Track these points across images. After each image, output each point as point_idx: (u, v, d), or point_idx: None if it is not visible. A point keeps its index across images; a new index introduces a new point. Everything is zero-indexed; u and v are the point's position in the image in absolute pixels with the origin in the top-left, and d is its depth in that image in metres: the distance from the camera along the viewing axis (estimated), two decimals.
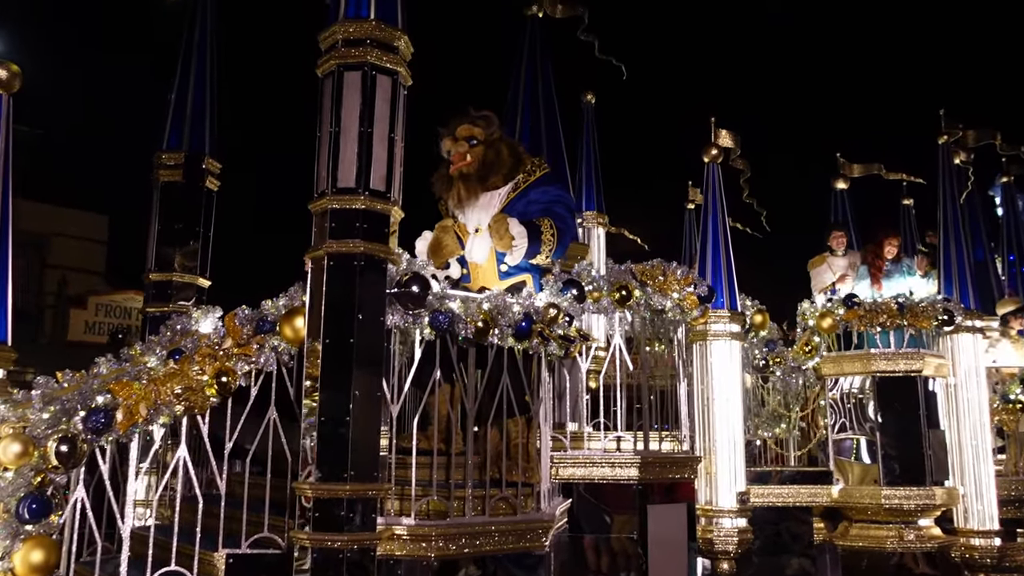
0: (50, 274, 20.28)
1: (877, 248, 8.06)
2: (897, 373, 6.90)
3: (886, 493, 6.67)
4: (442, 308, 3.99)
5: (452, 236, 5.01)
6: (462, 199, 4.99)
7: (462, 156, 5.03)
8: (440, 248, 4.97)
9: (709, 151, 6.23)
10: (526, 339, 4.26)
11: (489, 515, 4.17)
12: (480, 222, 4.98)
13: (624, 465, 5.07)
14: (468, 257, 5.00)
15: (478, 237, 5.00)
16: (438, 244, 4.98)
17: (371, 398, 3.76)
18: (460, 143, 5.07)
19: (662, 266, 5.27)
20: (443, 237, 4.98)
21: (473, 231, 5.02)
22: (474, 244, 5.03)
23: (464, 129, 5.09)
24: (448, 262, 5.06)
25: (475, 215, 5.00)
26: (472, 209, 5.01)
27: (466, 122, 5.12)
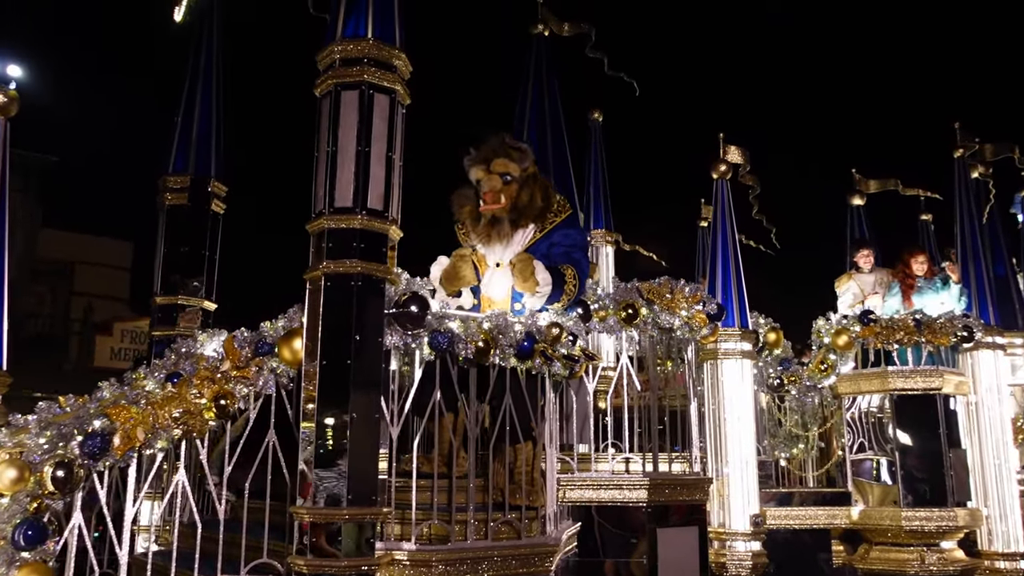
0: (76, 301, 20.54)
1: (906, 266, 7.92)
2: (915, 391, 6.76)
3: (906, 515, 6.51)
4: (441, 328, 3.94)
5: (470, 266, 4.87)
6: (491, 239, 4.89)
7: (495, 196, 4.88)
8: (456, 276, 4.83)
9: (717, 167, 6.16)
10: (528, 359, 4.19)
11: (492, 539, 4.08)
12: (502, 258, 4.90)
13: (632, 487, 4.96)
14: (484, 291, 4.90)
15: (498, 272, 4.91)
16: (455, 272, 4.83)
17: (369, 420, 3.69)
18: (494, 178, 4.91)
19: (669, 284, 5.19)
20: (461, 266, 4.83)
21: (493, 265, 4.92)
22: (493, 279, 4.92)
23: (500, 164, 4.94)
24: (460, 292, 4.95)
25: (498, 250, 4.93)
26: (499, 245, 4.93)
27: (502, 156, 4.98)
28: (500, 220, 4.90)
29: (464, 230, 5.08)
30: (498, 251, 4.88)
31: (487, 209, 4.89)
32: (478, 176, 4.96)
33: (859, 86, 13.59)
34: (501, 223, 4.89)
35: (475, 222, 4.94)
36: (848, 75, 13.44)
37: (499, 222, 4.90)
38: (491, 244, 4.89)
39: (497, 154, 5.00)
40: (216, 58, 6.00)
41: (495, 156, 4.99)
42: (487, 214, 4.90)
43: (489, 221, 4.91)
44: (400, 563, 3.83)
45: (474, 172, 4.99)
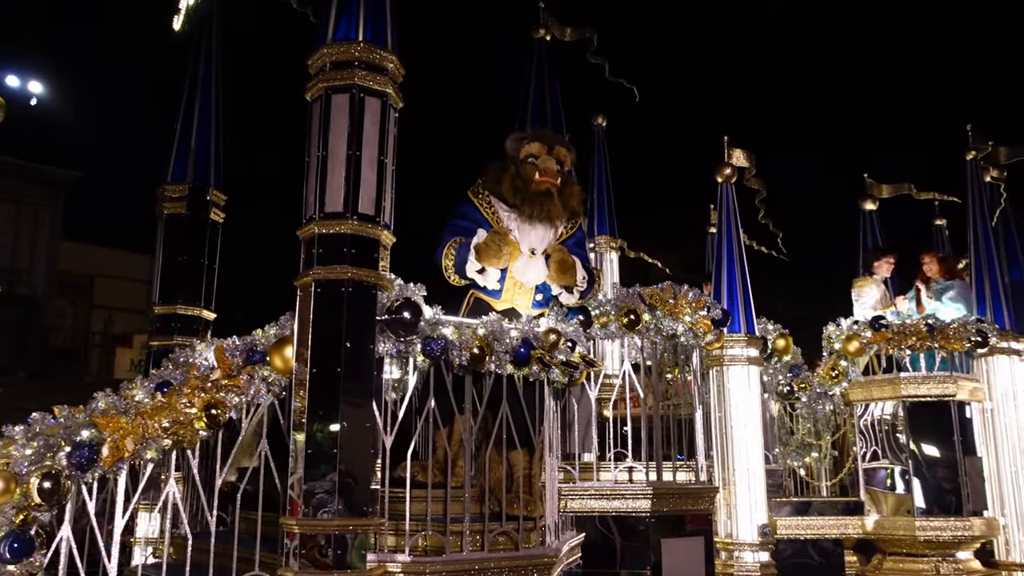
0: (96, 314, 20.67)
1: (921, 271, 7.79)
2: (928, 398, 6.60)
3: (920, 524, 6.35)
4: (435, 334, 3.86)
5: (508, 247, 4.79)
6: (539, 214, 4.82)
7: (554, 175, 4.88)
8: (497, 252, 4.73)
9: (722, 171, 6.05)
10: (525, 366, 4.10)
11: (488, 551, 3.99)
12: (535, 246, 4.86)
13: (635, 497, 4.86)
14: (517, 276, 4.85)
15: (534, 260, 4.87)
16: (497, 248, 4.72)
17: (360, 429, 3.62)
18: (552, 160, 4.92)
19: (672, 289, 5.09)
20: (504, 245, 4.75)
21: (528, 252, 4.88)
22: (528, 266, 4.88)
23: (562, 152, 4.98)
24: (487, 268, 4.86)
25: (535, 238, 4.88)
26: (536, 230, 4.88)
27: (563, 146, 5.03)
28: (552, 196, 4.84)
29: (488, 205, 4.96)
30: (534, 238, 4.82)
31: (544, 180, 4.82)
32: (535, 151, 4.91)
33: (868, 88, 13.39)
34: (553, 200, 4.83)
35: (520, 194, 4.84)
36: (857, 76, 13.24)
37: (551, 198, 4.84)
38: (535, 220, 4.82)
39: (559, 142, 5.01)
40: (215, 65, 5.97)
41: (556, 143, 4.99)
42: (542, 186, 4.82)
43: (543, 194, 4.83)
44: (395, 575, 3.74)
45: (531, 148, 4.93)
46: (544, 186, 4.81)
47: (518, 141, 4.96)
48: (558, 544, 4.50)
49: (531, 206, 4.81)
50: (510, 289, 4.82)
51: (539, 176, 4.82)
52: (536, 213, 4.79)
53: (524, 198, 4.82)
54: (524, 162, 4.89)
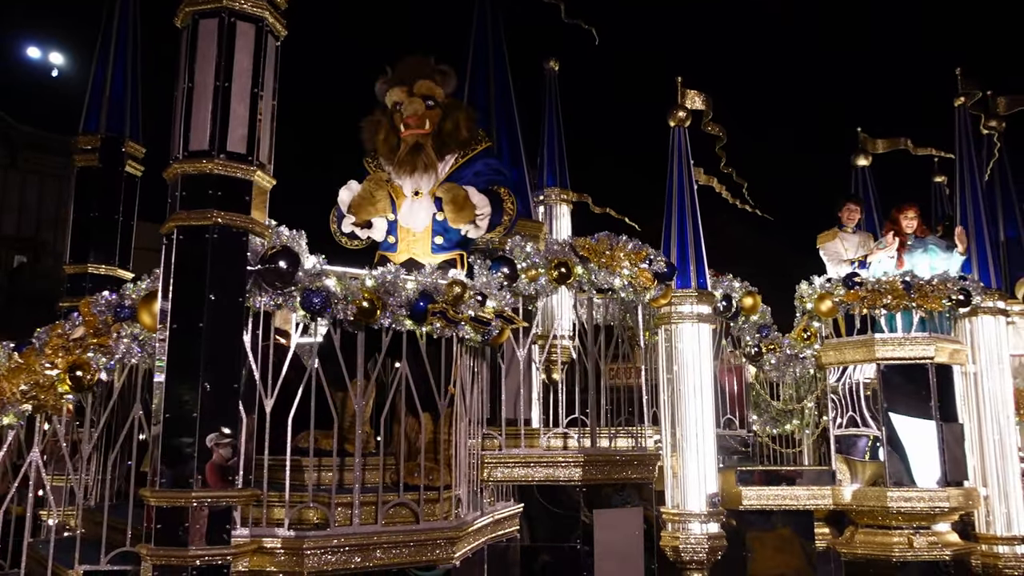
0: None
1: (894, 223, 7.26)
2: (904, 360, 6.17)
3: (892, 495, 5.95)
4: (315, 286, 3.48)
5: (386, 194, 4.39)
6: (414, 169, 4.38)
7: (419, 121, 4.39)
8: (371, 204, 4.34)
9: (675, 114, 5.58)
10: (424, 321, 3.71)
11: (382, 524, 3.64)
12: (420, 186, 4.43)
13: (565, 465, 4.49)
14: (403, 222, 4.42)
15: (418, 202, 4.42)
16: (369, 198, 4.33)
17: (226, 391, 3.26)
18: (416, 101, 4.41)
19: (608, 240, 4.67)
20: (376, 192, 4.34)
21: (411, 194, 4.44)
22: (412, 209, 4.43)
23: (425, 86, 4.45)
24: (371, 222, 4.48)
25: (418, 178, 4.44)
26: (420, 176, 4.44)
27: (426, 77, 4.50)
28: (423, 147, 4.41)
29: (375, 163, 4.56)
30: (415, 179, 4.40)
31: (410, 134, 4.38)
32: (397, 98, 4.44)
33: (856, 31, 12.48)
34: (424, 151, 4.40)
35: (392, 151, 4.42)
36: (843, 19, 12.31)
37: (422, 150, 4.40)
38: (413, 175, 4.39)
39: (420, 75, 4.50)
40: (131, 4, 5.57)
41: (418, 77, 4.48)
42: (409, 140, 4.39)
43: (412, 148, 4.40)
44: (272, 551, 3.41)
45: (393, 94, 4.46)
46: (412, 139, 4.37)
47: (383, 87, 4.50)
48: (474, 516, 4.15)
49: (400, 165, 4.39)
50: (404, 238, 4.41)
51: (404, 129, 4.37)
52: (409, 169, 4.38)
53: (390, 158, 4.41)
54: (393, 112, 4.45)
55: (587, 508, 4.51)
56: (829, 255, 7.37)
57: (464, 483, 4.14)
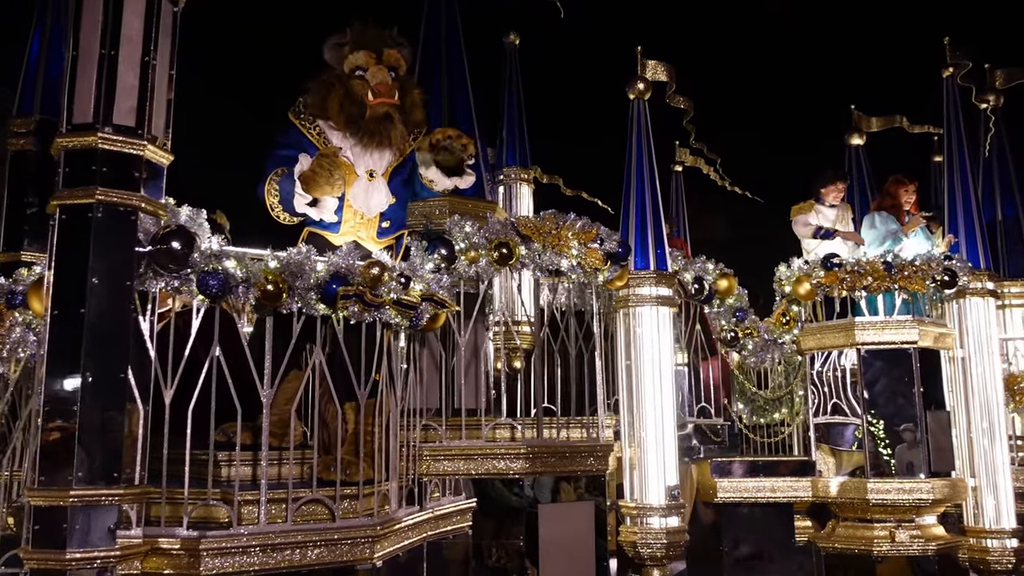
0: None
1: (894, 198, 6.91)
2: (886, 345, 5.86)
3: (872, 486, 5.65)
4: (211, 268, 3.24)
5: (339, 171, 4.06)
6: (379, 141, 4.12)
7: (390, 89, 4.12)
8: (328, 180, 4.01)
9: (634, 85, 5.28)
10: (337, 305, 3.47)
11: (293, 522, 3.41)
12: (375, 167, 4.16)
13: (507, 457, 4.23)
14: (355, 204, 4.16)
15: (373, 184, 4.17)
16: (327, 174, 4.00)
17: (111, 381, 3.03)
18: (384, 70, 4.13)
19: (555, 218, 4.40)
20: (334, 169, 4.02)
21: (365, 175, 4.17)
22: (369, 191, 4.18)
23: (393, 56, 4.18)
24: (319, 199, 4.16)
25: (374, 159, 4.18)
26: (373, 153, 4.18)
27: (393, 46, 4.23)
28: (392, 119, 4.13)
29: (315, 128, 4.24)
30: (370, 159, 4.14)
31: (380, 103, 4.10)
32: (362, 63, 4.13)
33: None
34: (393, 123, 4.12)
35: (352, 120, 4.12)
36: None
37: (390, 121, 4.12)
38: (376, 148, 4.13)
39: (387, 43, 4.21)
40: None
41: (385, 45, 4.20)
42: (379, 109, 4.11)
43: (382, 117, 4.12)
44: (168, 552, 3.18)
45: (358, 57, 4.14)
46: (382, 109, 4.09)
47: (338, 49, 4.19)
48: (404, 513, 3.91)
49: (369, 136, 4.10)
50: (349, 220, 4.15)
51: (372, 97, 4.08)
52: (374, 140, 4.10)
53: (360, 126, 4.11)
54: (351, 77, 4.15)
55: (532, 502, 4.26)
56: (801, 229, 7.07)
57: (395, 478, 3.90)
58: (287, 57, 4.38)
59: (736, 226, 12.51)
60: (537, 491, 5.12)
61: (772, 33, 10.96)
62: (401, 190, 4.21)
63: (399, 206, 4.18)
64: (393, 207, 4.15)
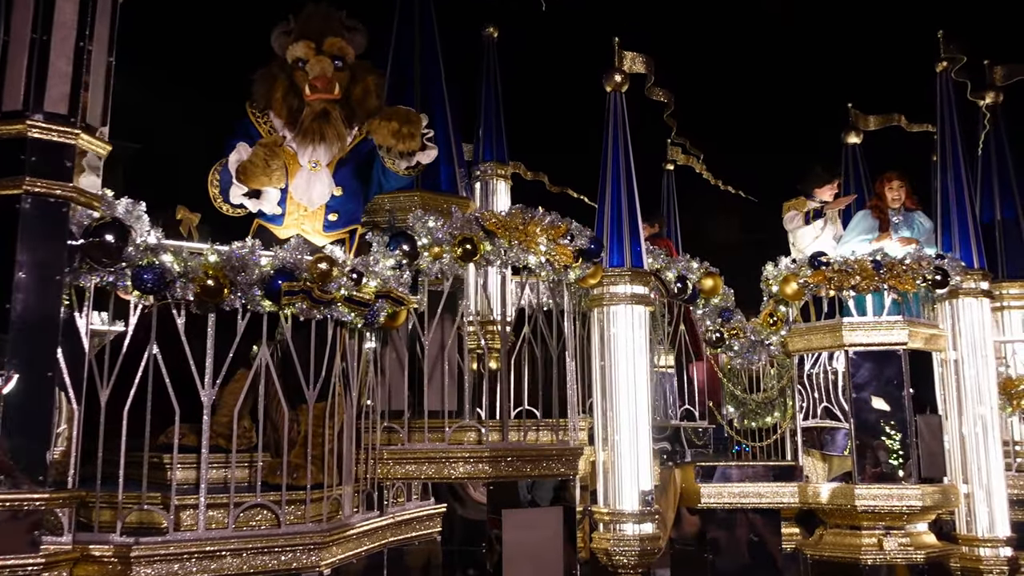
0: None
1: (879, 197, 6.74)
2: (875, 346, 5.68)
3: (860, 492, 5.47)
4: (147, 262, 3.10)
5: (280, 161, 3.95)
6: (320, 138, 3.98)
7: (328, 83, 3.97)
8: (264, 171, 3.90)
9: (611, 77, 5.11)
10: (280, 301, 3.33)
11: (236, 528, 3.26)
12: (319, 157, 4.02)
13: (471, 460, 4.08)
14: (296, 196, 4.02)
15: (316, 175, 4.01)
16: (263, 164, 3.89)
17: (38, 379, 2.90)
18: (324, 60, 3.98)
19: (522, 214, 4.24)
20: (271, 159, 3.91)
21: (308, 165, 4.03)
22: (310, 182, 4.02)
23: (335, 44, 4.02)
24: (261, 191, 4.06)
25: (319, 151, 4.04)
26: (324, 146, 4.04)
27: (336, 33, 4.07)
28: (331, 115, 3.99)
29: (265, 119, 4.12)
30: (319, 149, 3.99)
31: (317, 99, 3.95)
32: (301, 54, 3.99)
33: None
34: (333, 119, 3.98)
35: (293, 113, 3.99)
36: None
37: (329, 117, 3.98)
38: (318, 144, 3.98)
39: (330, 30, 4.04)
40: None
41: (327, 33, 4.03)
42: (316, 106, 3.97)
43: (319, 115, 3.97)
44: (100, 559, 3.04)
45: (297, 49, 4.01)
46: (319, 105, 3.94)
47: (284, 38, 4.04)
48: (359, 519, 3.77)
49: (303, 133, 3.97)
50: (293, 212, 4.01)
51: (310, 92, 3.94)
52: (314, 137, 3.96)
53: (291, 122, 3.98)
54: (295, 68, 4.01)
55: (495, 507, 4.10)
56: (790, 224, 6.90)
57: (349, 482, 3.76)
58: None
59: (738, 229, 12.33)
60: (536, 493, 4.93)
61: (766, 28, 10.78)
62: (350, 181, 4.05)
63: (348, 198, 4.02)
64: (340, 199, 4.00)
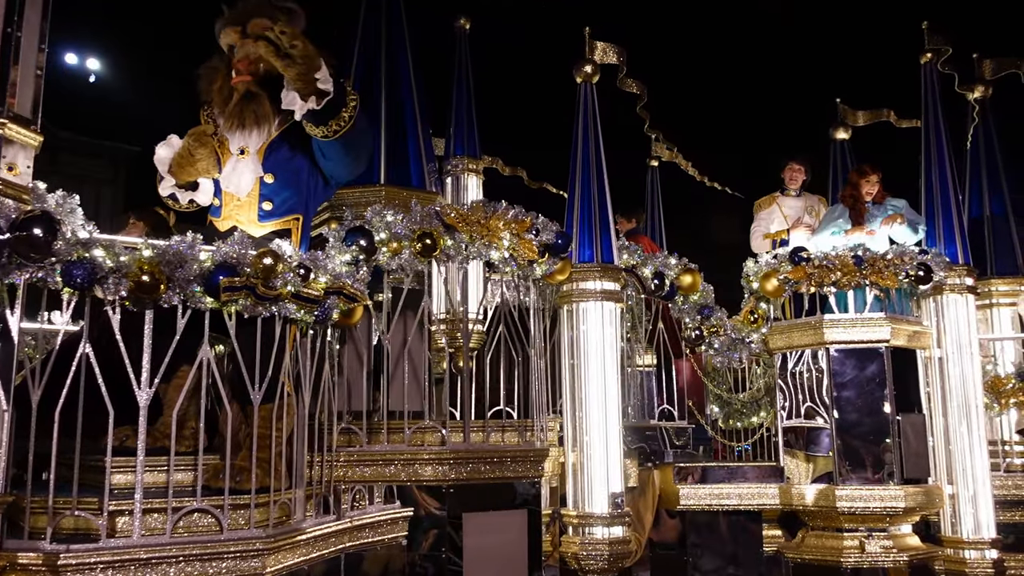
0: None
1: (854, 188, 6.57)
2: (856, 344, 5.55)
3: (841, 493, 5.34)
4: (77, 257, 2.97)
5: (210, 150, 3.87)
6: (244, 122, 3.82)
7: (251, 65, 3.81)
8: (190, 162, 3.83)
9: (581, 68, 4.97)
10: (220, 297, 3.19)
11: (175, 534, 3.13)
12: (247, 143, 3.88)
13: (432, 462, 3.95)
14: (224, 185, 3.89)
15: (243, 162, 3.86)
16: (188, 156, 3.82)
17: None
18: (249, 43, 3.81)
19: (483, 207, 4.11)
20: (196, 149, 3.83)
21: (236, 152, 3.89)
22: (237, 170, 3.87)
23: (259, 24, 3.80)
24: (198, 182, 3.95)
25: (245, 134, 3.88)
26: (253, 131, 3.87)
27: (264, 15, 3.86)
28: (257, 97, 3.84)
29: (209, 112, 4.00)
30: (246, 135, 3.85)
31: (240, 81, 3.80)
32: (231, 41, 3.85)
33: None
34: (259, 101, 3.82)
35: (226, 101, 3.86)
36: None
37: (255, 100, 3.83)
38: (245, 129, 3.83)
39: (257, 12, 3.86)
40: None
41: (254, 15, 3.85)
42: (240, 88, 3.81)
43: (243, 97, 3.83)
44: (27, 568, 2.91)
45: (226, 36, 3.87)
46: (241, 87, 3.79)
47: (218, 32, 3.92)
48: (311, 523, 3.63)
49: (228, 118, 3.82)
50: (228, 203, 3.88)
51: (235, 76, 3.79)
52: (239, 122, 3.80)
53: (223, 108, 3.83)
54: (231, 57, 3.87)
55: (455, 511, 3.97)
56: (758, 226, 6.77)
57: (301, 485, 3.63)
58: None
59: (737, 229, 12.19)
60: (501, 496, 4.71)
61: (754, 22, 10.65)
62: (284, 167, 3.89)
63: (282, 185, 3.86)
64: (273, 187, 3.83)
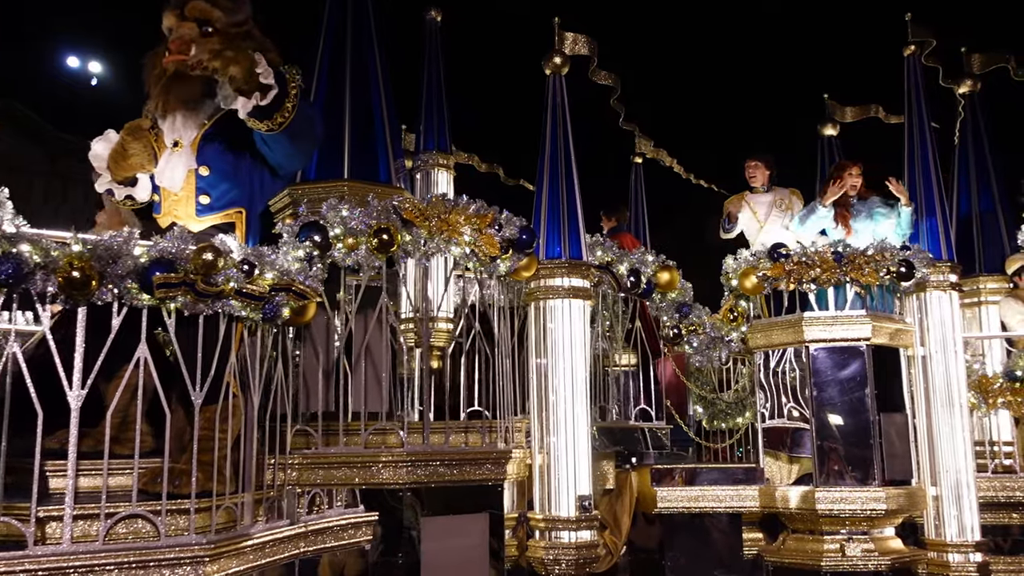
0: None
1: (837, 183, 6.43)
2: (836, 342, 5.42)
3: (820, 495, 5.21)
4: (2, 252, 2.83)
5: (145, 145, 3.73)
6: (169, 104, 3.68)
7: (183, 46, 3.58)
8: (123, 156, 3.71)
9: (551, 59, 4.83)
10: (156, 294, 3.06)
11: (105, 541, 3.00)
12: (181, 135, 3.73)
13: (390, 465, 3.82)
14: (158, 179, 3.76)
15: (176, 154, 3.72)
16: (122, 151, 3.70)
17: None
18: (187, 25, 3.65)
19: (443, 202, 3.98)
20: (131, 144, 3.70)
21: (170, 145, 3.75)
22: (169, 164, 3.73)
23: (196, 7, 3.65)
24: (136, 178, 3.84)
25: (178, 125, 3.75)
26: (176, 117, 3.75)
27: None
28: (185, 78, 3.65)
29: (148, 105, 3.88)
30: (177, 126, 3.71)
31: (172, 60, 3.59)
32: (170, 24, 3.68)
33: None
34: (186, 82, 3.66)
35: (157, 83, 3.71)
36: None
37: (183, 80, 3.65)
38: (170, 112, 3.69)
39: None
40: None
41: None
42: (169, 68, 3.62)
43: (171, 78, 3.65)
44: None
45: (166, 19, 3.70)
46: (172, 67, 3.61)
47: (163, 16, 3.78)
48: (258, 528, 3.50)
49: (155, 99, 3.68)
50: (166, 198, 3.75)
51: (166, 56, 3.61)
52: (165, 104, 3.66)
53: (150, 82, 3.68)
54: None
55: (414, 515, 3.84)
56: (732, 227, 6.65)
57: (249, 489, 3.49)
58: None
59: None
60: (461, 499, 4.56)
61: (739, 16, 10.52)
62: (220, 159, 3.75)
63: (219, 178, 3.72)
64: (209, 180, 3.69)
